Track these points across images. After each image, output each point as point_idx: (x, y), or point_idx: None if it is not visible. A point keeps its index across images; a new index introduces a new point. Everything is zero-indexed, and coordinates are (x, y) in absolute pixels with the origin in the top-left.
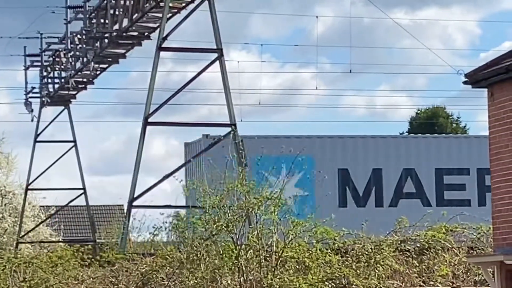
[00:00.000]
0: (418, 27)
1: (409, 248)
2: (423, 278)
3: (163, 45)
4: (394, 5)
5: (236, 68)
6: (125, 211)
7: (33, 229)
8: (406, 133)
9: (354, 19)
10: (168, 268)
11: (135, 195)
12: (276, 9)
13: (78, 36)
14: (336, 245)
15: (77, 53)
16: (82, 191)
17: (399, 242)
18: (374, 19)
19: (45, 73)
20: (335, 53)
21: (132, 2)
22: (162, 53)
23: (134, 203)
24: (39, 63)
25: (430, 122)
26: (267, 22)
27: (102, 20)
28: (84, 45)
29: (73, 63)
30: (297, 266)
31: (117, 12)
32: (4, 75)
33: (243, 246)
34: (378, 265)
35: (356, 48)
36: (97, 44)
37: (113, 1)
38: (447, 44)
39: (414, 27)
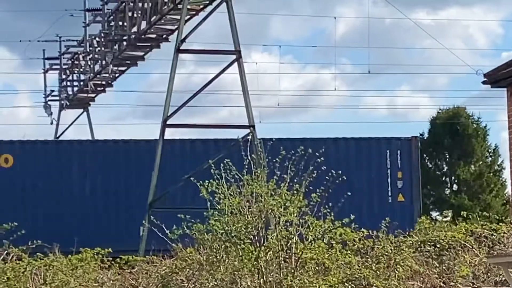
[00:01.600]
0: (440, 27)
1: (429, 248)
2: (444, 278)
3: (182, 47)
4: (416, 5)
5: (256, 70)
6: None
7: None
8: (427, 134)
9: (375, 20)
10: (187, 270)
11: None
12: (296, 11)
13: (97, 39)
14: (356, 246)
15: (96, 56)
16: None
17: (419, 243)
18: (395, 19)
19: (64, 76)
20: (355, 54)
21: (150, 4)
22: (184, 56)
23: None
24: (58, 66)
25: (451, 123)
26: (287, 23)
27: (120, 23)
28: (102, 48)
29: (92, 66)
30: (317, 268)
31: (135, 15)
32: (23, 78)
33: (263, 248)
34: (398, 266)
35: (377, 49)
36: (116, 46)
37: (132, 4)
38: (468, 44)
39: (435, 27)
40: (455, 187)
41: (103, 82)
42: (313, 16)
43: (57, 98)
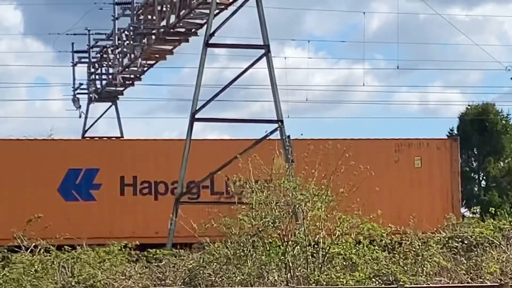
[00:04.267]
0: (474, 23)
1: (457, 245)
2: (471, 275)
3: (210, 41)
4: (451, 0)
5: (287, 65)
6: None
7: None
8: (456, 131)
9: (409, 15)
10: (215, 264)
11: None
12: (332, 6)
13: (126, 32)
14: (384, 241)
15: (125, 49)
16: None
17: (446, 239)
18: (430, 14)
19: (92, 70)
20: (388, 49)
21: None
22: (217, 50)
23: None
24: (87, 60)
25: (480, 119)
26: (319, 18)
27: (149, 17)
28: (131, 42)
29: (120, 59)
30: (344, 263)
31: (164, 9)
32: (56, 71)
33: (290, 243)
34: (426, 262)
35: (409, 44)
36: (144, 40)
37: None
38: (503, 40)
39: (470, 23)
40: (483, 183)
41: (132, 76)
42: (344, 11)
43: (86, 91)
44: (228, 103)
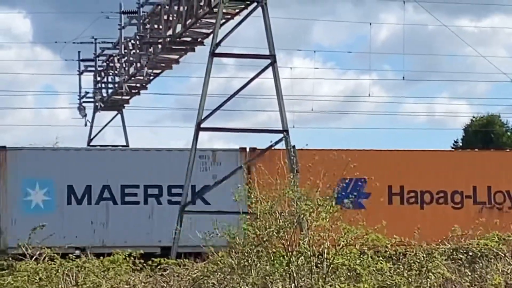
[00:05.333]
0: (483, 35)
1: (461, 256)
2: (476, 287)
3: (217, 51)
4: (460, 12)
5: (294, 75)
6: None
7: None
8: (461, 142)
9: (418, 26)
10: (219, 273)
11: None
12: (340, 17)
13: (132, 41)
14: (388, 252)
15: (131, 58)
16: None
17: (451, 251)
18: (437, 26)
19: (98, 78)
20: (395, 60)
21: (185, 8)
22: (226, 60)
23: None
24: (93, 68)
25: (484, 131)
26: (328, 29)
27: (155, 26)
28: (137, 51)
29: (126, 68)
30: (348, 274)
31: (170, 18)
32: (64, 79)
33: (294, 253)
34: (430, 274)
35: (416, 56)
36: (151, 49)
37: (167, 7)
38: (511, 52)
39: (478, 34)
40: None
41: (138, 85)
42: (352, 22)
43: (92, 100)
44: (236, 113)
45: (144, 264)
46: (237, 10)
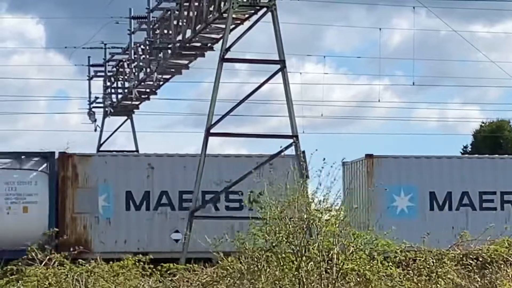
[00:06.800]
0: (496, 40)
1: (471, 262)
2: None
3: (226, 56)
4: (473, 17)
5: (306, 80)
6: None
7: None
8: (470, 147)
9: (431, 32)
10: (228, 279)
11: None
12: (353, 23)
13: (142, 46)
14: (398, 258)
15: (141, 63)
16: None
17: (461, 256)
18: (449, 31)
19: (108, 83)
20: (406, 66)
21: (195, 13)
22: (238, 65)
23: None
24: (103, 73)
25: (494, 136)
26: (340, 34)
27: (165, 31)
28: (147, 56)
29: (136, 73)
30: (358, 279)
31: (180, 23)
32: (76, 85)
33: (304, 258)
34: (440, 279)
35: (428, 61)
36: (161, 54)
37: (177, 12)
38: None
39: (491, 39)
40: None
41: (147, 90)
42: (364, 27)
43: (101, 105)
44: (247, 118)
45: (154, 269)
46: (246, 15)
